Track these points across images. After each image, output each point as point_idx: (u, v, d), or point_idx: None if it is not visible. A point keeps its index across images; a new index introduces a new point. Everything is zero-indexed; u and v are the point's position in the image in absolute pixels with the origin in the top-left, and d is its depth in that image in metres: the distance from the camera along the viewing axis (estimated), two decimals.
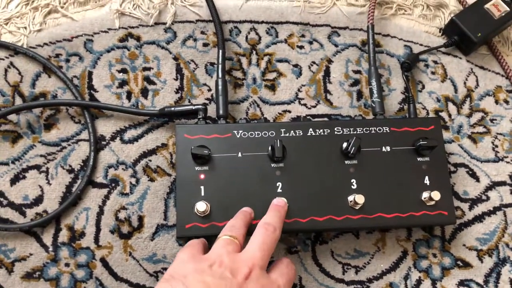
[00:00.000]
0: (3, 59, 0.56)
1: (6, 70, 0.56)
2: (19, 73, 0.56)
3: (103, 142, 0.55)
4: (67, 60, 0.57)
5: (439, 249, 0.54)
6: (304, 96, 0.59)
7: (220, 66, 0.56)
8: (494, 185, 0.57)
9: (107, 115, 0.56)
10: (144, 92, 0.57)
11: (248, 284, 0.40)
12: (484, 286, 0.54)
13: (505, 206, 0.56)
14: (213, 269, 0.40)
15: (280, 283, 0.42)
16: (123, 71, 0.58)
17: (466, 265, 0.54)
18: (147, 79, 0.58)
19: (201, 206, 0.48)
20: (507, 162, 0.58)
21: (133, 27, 0.59)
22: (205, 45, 0.60)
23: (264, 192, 0.50)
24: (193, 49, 0.59)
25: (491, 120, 0.60)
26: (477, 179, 0.57)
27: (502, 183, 0.57)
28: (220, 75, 0.55)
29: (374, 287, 0.53)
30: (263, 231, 0.44)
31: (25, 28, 0.58)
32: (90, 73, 0.57)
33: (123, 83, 0.57)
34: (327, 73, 0.60)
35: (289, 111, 0.58)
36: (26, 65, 0.57)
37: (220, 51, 0.56)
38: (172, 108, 0.54)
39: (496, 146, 0.59)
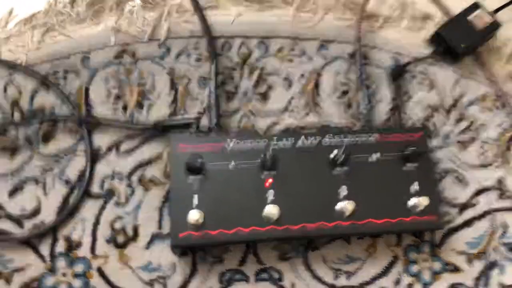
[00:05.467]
0: (2, 77, 0.58)
1: (5, 87, 0.58)
2: (18, 90, 0.58)
3: (100, 154, 0.57)
4: (65, 77, 0.59)
5: (429, 254, 0.55)
6: (294, 107, 0.60)
7: (212, 80, 0.57)
8: (482, 190, 0.58)
9: (103, 129, 0.58)
10: (139, 106, 0.59)
11: None
12: None
13: (493, 211, 0.57)
14: None
15: None
16: (119, 86, 0.60)
17: (456, 269, 0.55)
18: (142, 94, 0.59)
19: (194, 215, 0.49)
20: (495, 167, 0.59)
21: (128, 44, 0.61)
22: (198, 60, 0.62)
23: (256, 201, 0.51)
24: (186, 64, 0.61)
25: (478, 127, 0.61)
26: (466, 185, 0.58)
27: (490, 188, 0.58)
28: (212, 89, 0.57)
29: None
30: None
31: (24, 46, 0.60)
32: (87, 89, 0.59)
33: (118, 98, 0.59)
34: (316, 85, 0.62)
35: (280, 122, 0.60)
36: (24, 82, 0.59)
37: (213, 65, 0.58)
38: (167, 121, 0.56)
39: (484, 152, 0.60)
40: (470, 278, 0.55)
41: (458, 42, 0.61)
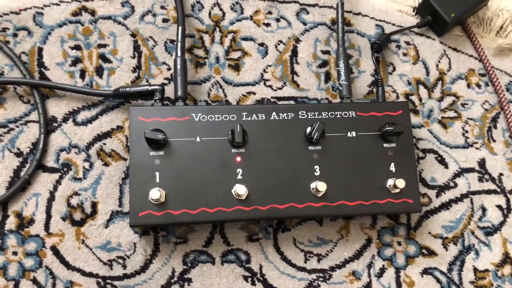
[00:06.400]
0: None
1: None
2: None
3: (55, 124, 0.52)
4: (15, 35, 0.53)
5: (404, 237, 0.53)
6: (269, 77, 0.56)
7: (179, 43, 0.52)
8: (462, 171, 0.56)
9: (58, 95, 0.52)
10: (99, 71, 0.54)
11: None
12: (448, 274, 0.53)
13: (472, 194, 0.55)
14: None
15: None
16: (77, 47, 0.54)
17: (431, 253, 0.53)
18: (102, 57, 0.54)
19: (154, 194, 0.46)
20: (477, 148, 0.57)
21: (87, 0, 0.55)
22: (165, 20, 0.56)
23: (224, 179, 0.48)
24: (152, 25, 0.56)
25: (462, 105, 0.58)
26: (446, 166, 0.56)
27: (471, 170, 0.56)
28: (179, 54, 0.52)
29: (336, 276, 0.51)
30: None
31: None
32: (40, 49, 0.53)
33: (76, 61, 0.54)
34: (294, 53, 0.57)
35: (254, 93, 0.55)
36: None
37: (180, 27, 0.53)
38: (128, 89, 0.51)
39: (466, 132, 0.57)
40: (444, 262, 0.53)
41: (448, 10, 0.57)
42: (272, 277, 0.51)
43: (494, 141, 0.57)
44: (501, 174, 0.56)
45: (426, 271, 0.52)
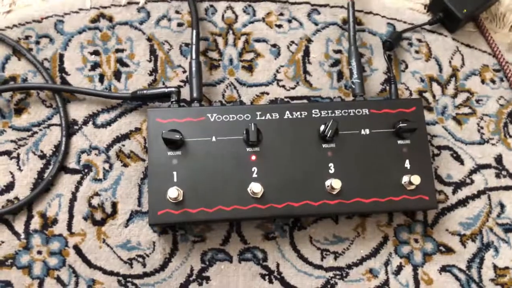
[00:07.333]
0: None
1: None
2: None
3: (75, 127, 0.53)
4: (37, 42, 0.55)
5: (421, 234, 0.53)
6: (282, 77, 0.57)
7: (194, 46, 0.53)
8: (478, 168, 0.55)
9: (79, 99, 0.54)
10: (117, 75, 0.55)
11: None
12: (467, 272, 0.52)
13: (489, 190, 0.55)
14: None
15: None
16: (95, 53, 0.56)
17: (449, 250, 0.53)
18: (120, 61, 0.56)
19: (172, 193, 0.47)
20: (493, 144, 0.56)
21: (105, 7, 0.57)
22: (179, 25, 0.57)
23: (239, 178, 0.49)
24: (167, 29, 0.57)
25: (477, 101, 0.58)
26: (462, 162, 0.55)
27: (487, 166, 0.56)
28: (194, 56, 0.53)
29: (353, 274, 0.52)
30: None
31: None
32: (61, 56, 0.55)
33: (95, 66, 0.55)
34: (306, 53, 0.58)
35: (267, 93, 0.56)
36: None
37: (194, 31, 0.54)
38: (145, 91, 0.52)
39: (482, 128, 0.57)
40: (463, 259, 0.53)
41: (460, 7, 0.57)
42: (289, 275, 0.51)
43: (510, 136, 0.57)
44: None
45: (444, 269, 0.52)
